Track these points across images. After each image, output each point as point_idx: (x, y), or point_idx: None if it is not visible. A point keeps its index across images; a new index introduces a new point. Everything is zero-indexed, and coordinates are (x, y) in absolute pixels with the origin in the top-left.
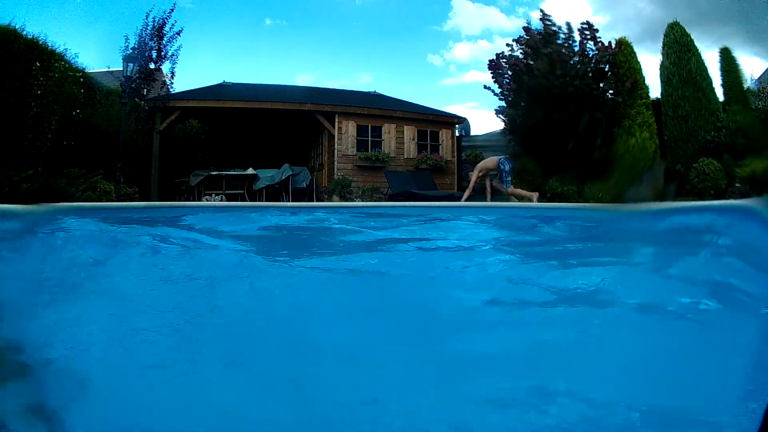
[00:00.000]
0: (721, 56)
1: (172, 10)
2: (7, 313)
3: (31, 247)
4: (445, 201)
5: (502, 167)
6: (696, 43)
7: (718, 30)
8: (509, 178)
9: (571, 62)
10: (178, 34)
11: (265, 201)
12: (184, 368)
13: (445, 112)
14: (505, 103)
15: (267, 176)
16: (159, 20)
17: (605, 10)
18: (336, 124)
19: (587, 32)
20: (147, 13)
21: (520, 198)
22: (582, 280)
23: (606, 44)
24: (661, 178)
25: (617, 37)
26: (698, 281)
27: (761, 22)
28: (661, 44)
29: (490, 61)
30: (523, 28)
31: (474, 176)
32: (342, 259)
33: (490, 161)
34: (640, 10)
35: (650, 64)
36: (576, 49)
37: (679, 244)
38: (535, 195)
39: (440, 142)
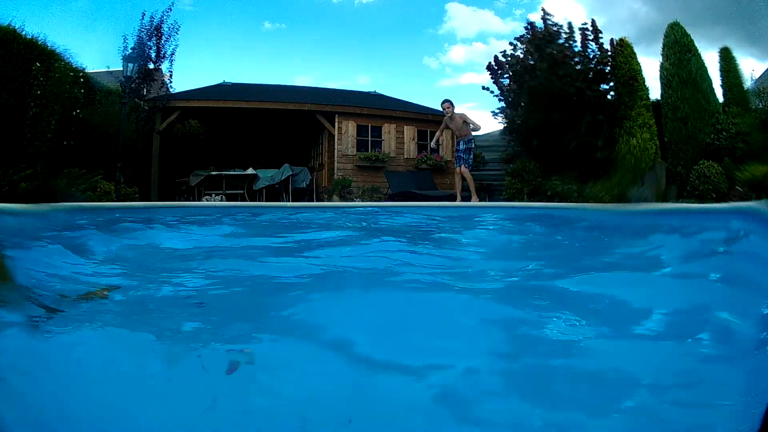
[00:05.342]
0: (720, 57)
1: (170, 9)
2: None
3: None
4: (445, 201)
5: (461, 146)
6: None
7: (713, 32)
8: (460, 156)
9: (572, 62)
10: (177, 31)
11: (265, 201)
12: None
13: None
14: (505, 103)
15: (267, 176)
16: (157, 20)
17: (600, 12)
18: (336, 124)
19: (589, 33)
20: (143, 13)
21: (457, 184)
22: (583, 279)
23: (607, 45)
24: (663, 179)
25: (615, 38)
26: (700, 281)
27: (756, 24)
28: (657, 46)
29: (489, 62)
30: (525, 27)
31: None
32: None
33: (457, 120)
34: (635, 11)
35: (646, 66)
36: (577, 49)
37: (680, 243)
38: (459, 198)
39: (440, 142)
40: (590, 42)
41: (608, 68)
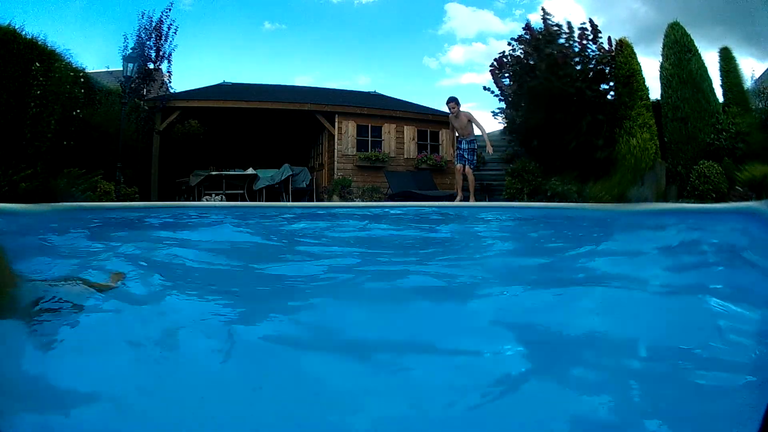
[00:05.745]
0: (720, 57)
1: (169, 8)
2: None
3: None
4: (446, 201)
5: (464, 145)
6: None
7: (713, 32)
8: (462, 155)
9: (572, 62)
10: (175, 32)
11: (265, 201)
12: None
13: (446, 112)
14: (505, 103)
15: (267, 176)
16: (157, 19)
17: (600, 12)
18: (336, 124)
19: (588, 33)
20: (142, 13)
21: (458, 182)
22: (582, 278)
23: (607, 45)
24: (663, 179)
25: (614, 38)
26: (699, 281)
27: (756, 24)
28: (657, 46)
29: (492, 63)
30: (524, 27)
31: (449, 136)
32: None
33: (462, 119)
34: (635, 11)
35: (646, 66)
36: (576, 49)
37: (680, 244)
38: (459, 197)
39: (440, 142)
40: (589, 42)
41: (608, 68)
